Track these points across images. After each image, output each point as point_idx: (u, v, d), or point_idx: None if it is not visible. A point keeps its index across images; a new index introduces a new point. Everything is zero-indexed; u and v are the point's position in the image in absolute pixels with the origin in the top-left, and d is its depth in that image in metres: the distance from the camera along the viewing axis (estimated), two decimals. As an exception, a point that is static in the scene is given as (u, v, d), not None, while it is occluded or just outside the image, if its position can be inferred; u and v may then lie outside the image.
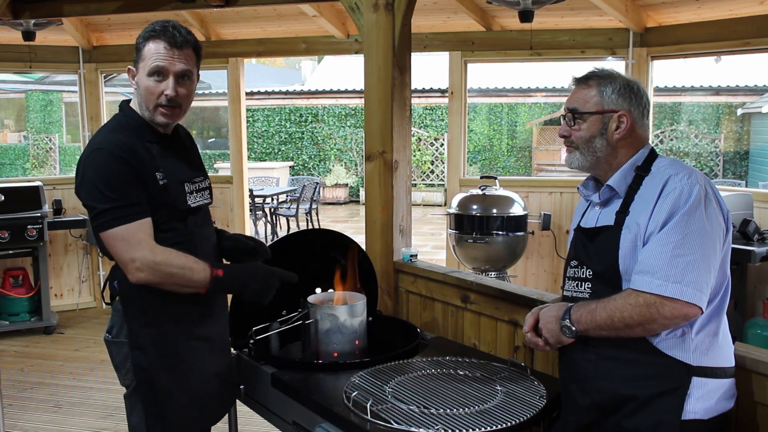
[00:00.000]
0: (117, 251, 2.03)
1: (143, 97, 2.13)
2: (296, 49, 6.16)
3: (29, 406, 4.28)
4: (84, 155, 2.09)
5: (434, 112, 16.33)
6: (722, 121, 15.31)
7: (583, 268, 1.90)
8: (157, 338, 2.14)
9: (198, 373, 2.22)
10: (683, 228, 1.70)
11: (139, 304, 2.14)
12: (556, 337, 1.87)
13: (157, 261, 2.01)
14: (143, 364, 2.14)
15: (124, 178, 2.02)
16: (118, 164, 2.02)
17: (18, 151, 16.72)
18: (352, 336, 2.39)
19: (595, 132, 1.88)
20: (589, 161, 1.91)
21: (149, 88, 2.10)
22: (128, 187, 2.03)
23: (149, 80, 2.10)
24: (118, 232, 2.00)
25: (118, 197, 2.01)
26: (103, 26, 6.13)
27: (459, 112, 5.79)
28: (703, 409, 1.75)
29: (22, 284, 5.79)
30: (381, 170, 3.20)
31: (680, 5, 4.98)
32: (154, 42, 2.09)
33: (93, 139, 2.14)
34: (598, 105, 1.87)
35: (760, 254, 4.30)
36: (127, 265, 2.02)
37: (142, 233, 2.02)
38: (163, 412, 2.16)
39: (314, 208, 10.64)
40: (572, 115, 1.90)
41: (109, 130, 2.13)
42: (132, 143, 2.08)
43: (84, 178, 2.05)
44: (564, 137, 1.94)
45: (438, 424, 1.80)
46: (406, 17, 3.15)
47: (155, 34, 2.10)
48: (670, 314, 1.69)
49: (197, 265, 2.07)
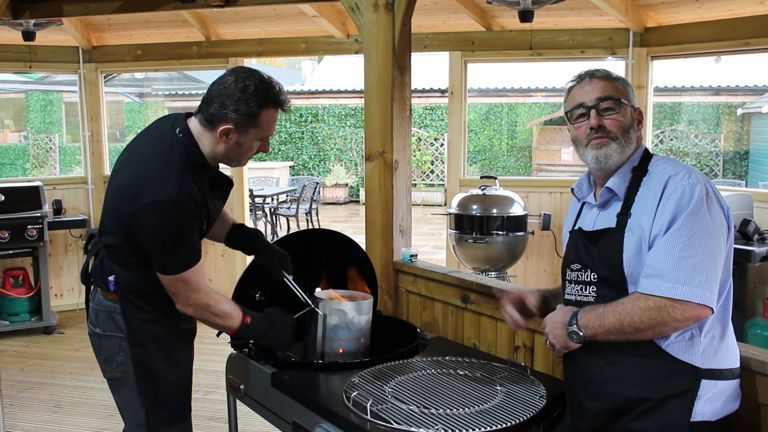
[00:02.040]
0: (175, 288, 2.15)
1: (238, 154, 2.19)
2: (296, 49, 6.16)
3: (29, 406, 4.28)
4: (151, 195, 2.04)
5: (434, 112, 16.33)
6: (722, 121, 15.31)
7: (587, 271, 1.88)
8: (155, 334, 2.28)
9: (186, 362, 2.44)
10: (688, 229, 1.69)
11: (137, 303, 2.25)
12: (563, 343, 1.86)
13: (208, 304, 2.20)
14: (143, 359, 2.27)
15: (192, 228, 2.12)
16: (189, 216, 2.10)
17: (18, 151, 16.71)
18: (359, 334, 2.40)
19: (631, 121, 1.88)
20: (626, 154, 1.86)
21: (251, 150, 2.20)
22: (193, 234, 2.14)
23: (256, 143, 2.18)
24: (182, 276, 2.12)
25: (185, 244, 2.11)
26: (103, 26, 6.13)
27: (459, 112, 5.79)
28: (711, 411, 1.75)
29: (22, 284, 5.79)
30: (381, 170, 3.20)
31: (680, 5, 4.98)
32: (272, 111, 2.14)
33: (159, 173, 2.07)
34: (629, 98, 1.88)
35: (760, 254, 4.30)
36: (180, 301, 2.18)
37: (200, 276, 2.17)
38: (164, 401, 2.32)
39: (314, 208, 10.64)
40: (612, 101, 1.84)
41: (177, 174, 2.08)
42: (197, 191, 2.13)
43: (155, 224, 2.05)
44: (598, 127, 1.84)
45: (438, 424, 1.80)
46: (406, 17, 3.15)
47: (274, 103, 2.14)
48: (682, 316, 1.68)
49: (234, 312, 2.25)
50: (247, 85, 2.08)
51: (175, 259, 2.11)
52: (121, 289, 2.23)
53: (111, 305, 2.26)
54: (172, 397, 2.35)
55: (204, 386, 4.50)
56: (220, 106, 2.09)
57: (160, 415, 2.32)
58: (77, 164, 15.08)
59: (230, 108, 2.08)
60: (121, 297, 2.23)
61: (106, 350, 2.30)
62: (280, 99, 2.15)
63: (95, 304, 2.31)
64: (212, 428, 3.91)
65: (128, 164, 2.17)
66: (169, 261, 2.11)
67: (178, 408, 2.39)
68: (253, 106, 2.09)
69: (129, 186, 2.09)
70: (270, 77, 2.16)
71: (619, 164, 1.87)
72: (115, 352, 2.28)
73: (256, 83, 2.10)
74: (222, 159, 2.21)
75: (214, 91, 2.11)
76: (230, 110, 2.09)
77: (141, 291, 2.23)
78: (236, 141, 2.14)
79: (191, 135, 2.15)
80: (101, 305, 2.28)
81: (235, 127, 2.11)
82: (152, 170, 2.08)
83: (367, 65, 3.21)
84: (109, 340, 2.28)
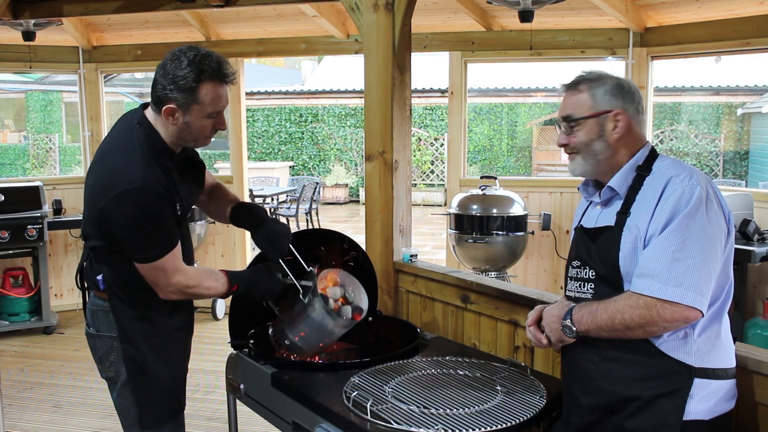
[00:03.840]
0: (154, 278, 2.14)
1: (190, 134, 2.13)
2: (296, 49, 6.16)
3: (29, 406, 4.28)
4: (118, 187, 2.04)
5: (434, 112, 16.32)
6: (722, 121, 15.31)
7: (586, 268, 1.90)
8: (146, 331, 2.28)
9: (180, 359, 2.42)
10: (684, 231, 1.70)
11: (126, 300, 2.25)
12: (557, 337, 1.89)
13: (189, 285, 2.18)
14: (134, 357, 2.27)
15: (162, 213, 2.10)
16: (158, 201, 2.07)
17: (18, 151, 16.70)
18: (322, 337, 2.32)
19: (593, 135, 1.86)
20: (592, 165, 1.89)
21: (203, 128, 2.12)
22: (165, 221, 2.11)
23: (205, 121, 2.11)
24: (158, 264, 2.11)
25: (157, 231, 2.09)
26: (103, 26, 6.13)
27: (459, 112, 5.78)
28: (705, 410, 1.76)
29: (22, 284, 5.79)
30: (381, 170, 3.20)
31: (680, 5, 4.98)
32: (212, 85, 2.06)
33: (123, 165, 2.07)
34: (593, 108, 1.86)
35: (760, 254, 4.30)
36: (161, 289, 2.16)
37: (177, 261, 2.15)
38: (156, 399, 2.32)
39: (314, 208, 10.64)
40: (567, 123, 1.90)
41: (140, 162, 2.07)
42: (164, 176, 2.10)
43: (125, 214, 2.05)
44: (563, 146, 1.93)
45: (438, 424, 1.80)
46: (406, 17, 3.14)
47: (211, 76, 2.05)
48: (671, 317, 1.68)
49: (218, 284, 2.23)
50: (181, 62, 2.02)
51: (150, 246, 2.09)
52: (110, 287, 2.25)
53: (104, 304, 2.28)
54: (164, 394, 2.35)
55: (204, 386, 4.50)
56: (161, 87, 2.05)
57: (151, 412, 2.32)
58: (77, 164, 15.07)
59: (168, 87, 2.04)
60: (111, 295, 2.25)
61: (99, 350, 2.33)
62: (220, 72, 2.05)
63: (90, 304, 2.34)
64: (212, 428, 3.91)
65: (97, 162, 2.18)
66: (143, 249, 2.10)
67: (170, 405, 2.38)
68: (190, 81, 2.02)
69: (96, 184, 2.11)
70: (208, 51, 2.07)
71: (594, 173, 1.91)
72: (107, 351, 2.30)
73: (189, 58, 2.02)
74: (179, 141, 2.16)
75: (157, 74, 2.08)
76: (168, 90, 2.04)
77: (129, 288, 2.24)
78: (183, 121, 2.09)
79: (149, 123, 2.14)
80: (95, 305, 2.31)
81: (178, 107, 2.06)
82: (116, 164, 2.09)
83: (367, 65, 3.21)
84: (101, 340, 2.31)
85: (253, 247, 6.81)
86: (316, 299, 2.27)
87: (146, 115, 2.16)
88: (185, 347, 2.47)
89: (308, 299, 2.29)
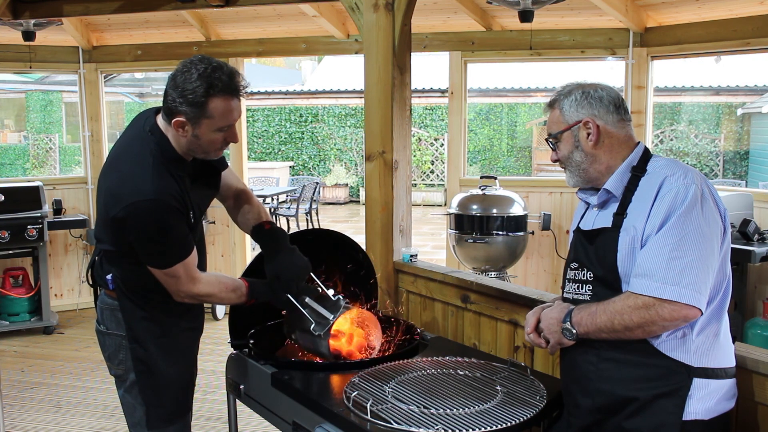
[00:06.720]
0: (166, 283, 2.15)
1: (200, 147, 2.10)
2: (296, 49, 6.16)
3: (29, 406, 4.28)
4: (129, 197, 2.01)
5: (434, 112, 16.32)
6: (722, 121, 15.30)
7: (584, 270, 1.90)
8: (154, 331, 2.28)
9: (188, 359, 2.43)
10: (680, 230, 1.70)
11: (135, 300, 2.26)
12: (556, 339, 1.88)
13: (201, 294, 2.19)
14: (142, 357, 2.28)
15: (174, 225, 2.09)
16: (169, 213, 2.06)
17: (18, 151, 16.70)
18: (313, 349, 2.38)
19: (570, 147, 1.93)
20: (579, 175, 1.95)
21: (214, 142, 2.10)
22: (180, 230, 2.11)
23: (215, 134, 2.08)
24: (171, 271, 2.11)
25: (169, 242, 2.09)
26: (103, 26, 6.13)
27: (459, 112, 5.79)
28: (704, 410, 1.76)
29: (22, 284, 5.79)
30: (381, 170, 3.20)
31: (680, 5, 4.98)
32: (222, 99, 2.01)
33: (133, 175, 2.05)
34: (564, 122, 1.94)
35: (760, 254, 4.30)
36: (174, 294, 2.18)
37: (190, 269, 2.15)
38: (162, 399, 2.32)
39: (314, 208, 10.64)
40: (549, 141, 1.99)
41: (151, 173, 2.04)
42: (176, 185, 2.09)
43: (136, 224, 2.04)
44: (556, 161, 2.00)
45: (438, 424, 1.80)
46: (406, 17, 3.15)
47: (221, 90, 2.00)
48: (670, 316, 1.69)
49: (234, 295, 2.24)
50: (191, 74, 1.97)
51: (163, 255, 2.10)
52: (119, 287, 2.26)
53: (113, 303, 2.29)
54: (170, 395, 2.35)
55: (204, 386, 4.50)
56: (171, 99, 2.02)
57: (158, 412, 2.32)
58: (77, 164, 15.07)
59: (177, 100, 2.00)
60: (120, 295, 2.26)
61: (109, 348, 2.33)
62: (231, 85, 2.00)
63: (100, 302, 2.35)
64: (212, 428, 3.91)
65: (110, 167, 2.17)
66: (157, 258, 2.11)
67: (176, 406, 2.39)
68: (199, 96, 1.98)
69: (110, 190, 2.09)
70: (219, 63, 2.02)
71: (585, 182, 1.95)
72: (116, 349, 2.31)
73: (200, 71, 1.97)
74: (189, 152, 2.14)
75: (167, 84, 2.04)
76: (177, 102, 2.00)
77: (138, 289, 2.25)
78: (193, 134, 2.06)
79: (160, 132, 2.12)
80: (105, 303, 2.33)
81: (187, 120, 2.02)
82: (129, 172, 2.07)
83: (367, 65, 3.21)
84: (111, 338, 2.31)
85: (254, 247, 6.81)
86: (323, 341, 2.30)
87: (158, 122, 2.13)
88: (194, 347, 2.47)
89: (318, 334, 2.30)
